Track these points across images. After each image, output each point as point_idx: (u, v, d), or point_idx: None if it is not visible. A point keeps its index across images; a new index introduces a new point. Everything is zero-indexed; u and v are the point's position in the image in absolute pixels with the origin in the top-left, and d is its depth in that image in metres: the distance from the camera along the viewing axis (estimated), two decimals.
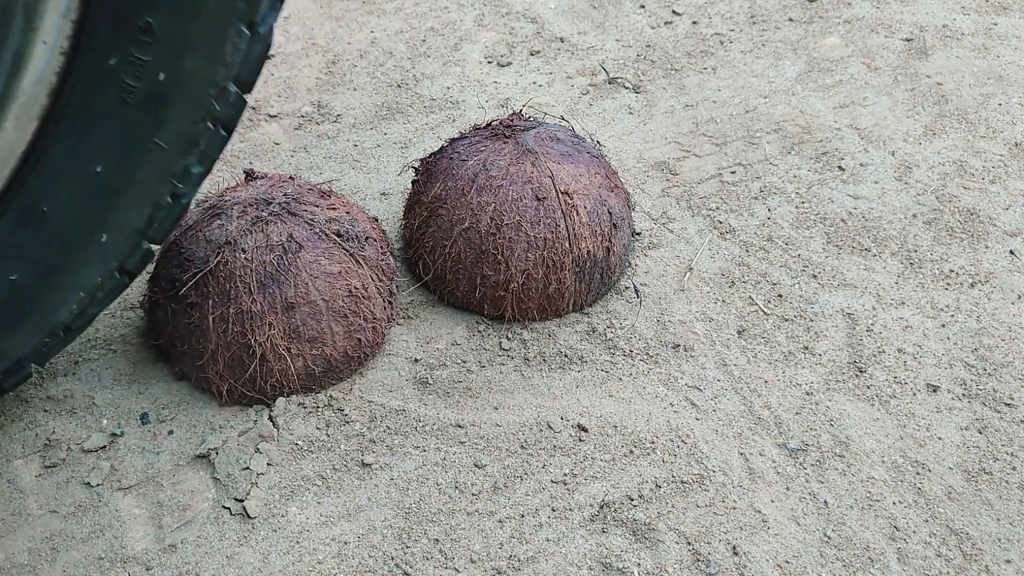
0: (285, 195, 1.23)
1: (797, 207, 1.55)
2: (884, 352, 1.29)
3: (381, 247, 1.29)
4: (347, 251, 1.21)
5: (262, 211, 1.19)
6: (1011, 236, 1.48)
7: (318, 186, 1.31)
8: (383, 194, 1.59)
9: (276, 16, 0.91)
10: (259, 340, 1.14)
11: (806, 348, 1.30)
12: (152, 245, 1.03)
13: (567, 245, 1.26)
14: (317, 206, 1.24)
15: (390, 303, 1.29)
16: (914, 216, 1.53)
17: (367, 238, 1.25)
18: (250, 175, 1.28)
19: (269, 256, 1.15)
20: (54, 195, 0.95)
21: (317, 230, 1.20)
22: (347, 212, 1.27)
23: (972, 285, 1.40)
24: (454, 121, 1.77)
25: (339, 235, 1.21)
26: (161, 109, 0.93)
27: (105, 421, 1.19)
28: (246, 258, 1.15)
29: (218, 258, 1.14)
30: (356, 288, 1.20)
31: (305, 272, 1.16)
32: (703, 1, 2.15)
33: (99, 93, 0.90)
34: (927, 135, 1.71)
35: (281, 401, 1.19)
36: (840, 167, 1.64)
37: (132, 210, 0.99)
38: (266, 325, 1.14)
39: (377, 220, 1.36)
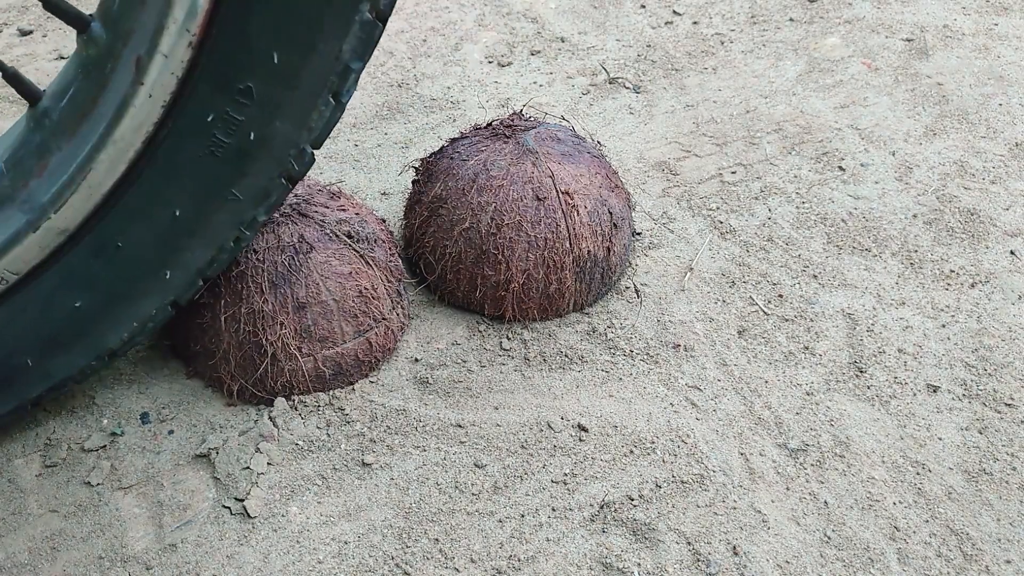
0: (296, 196, 1.23)
1: (797, 207, 1.55)
2: (884, 352, 1.29)
3: (390, 249, 1.29)
4: (357, 252, 1.21)
5: (273, 214, 1.20)
6: (1011, 236, 1.48)
7: (327, 187, 1.31)
8: (384, 194, 1.59)
9: (355, 88, 0.99)
10: (270, 339, 1.14)
11: (806, 348, 1.30)
12: (203, 282, 1.09)
13: (567, 245, 1.26)
14: (327, 207, 1.24)
15: (400, 305, 1.29)
16: (914, 216, 1.53)
17: (376, 240, 1.25)
18: None
19: (280, 257, 1.15)
20: (131, 232, 1.01)
21: (328, 231, 1.20)
22: (356, 213, 1.27)
23: (972, 285, 1.40)
24: (454, 121, 1.77)
25: (349, 236, 1.21)
26: (245, 164, 0.99)
27: (105, 420, 1.19)
28: (257, 259, 1.15)
29: None
30: (366, 289, 1.20)
31: (316, 272, 1.16)
32: (703, 1, 2.15)
33: (191, 145, 0.96)
34: (928, 135, 1.71)
35: (281, 401, 1.19)
36: (841, 167, 1.64)
37: (198, 251, 1.05)
38: (277, 324, 1.14)
39: (385, 221, 1.36)
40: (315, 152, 1.02)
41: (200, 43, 0.89)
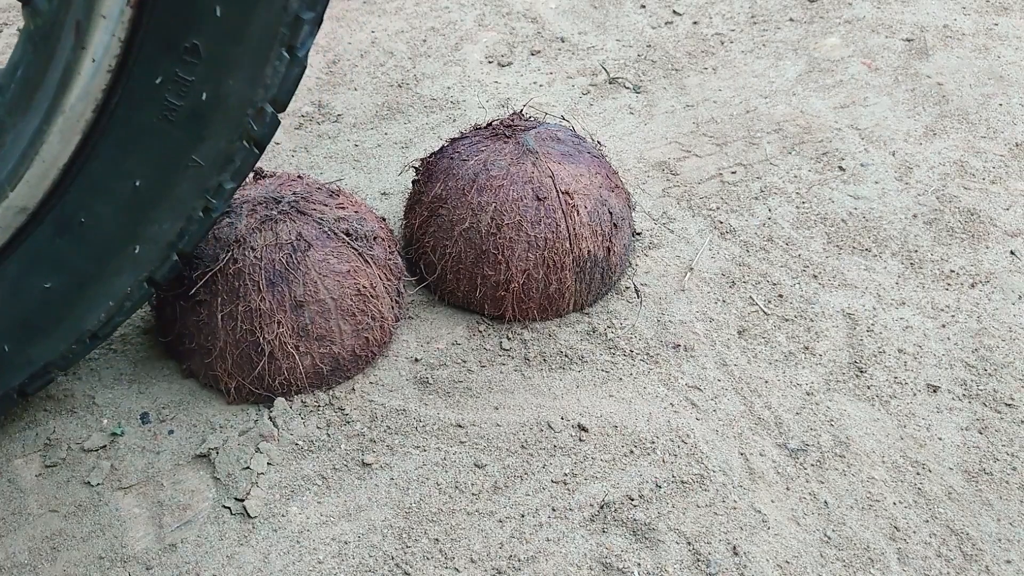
0: (294, 194, 1.23)
1: (797, 207, 1.55)
2: (884, 352, 1.29)
3: (389, 246, 1.29)
4: (356, 250, 1.21)
5: (271, 210, 1.19)
6: (1012, 236, 1.48)
7: (327, 185, 1.31)
8: (383, 194, 1.59)
9: (313, 40, 0.94)
10: (268, 338, 1.14)
11: (806, 348, 1.30)
12: (179, 257, 1.06)
13: (567, 245, 1.26)
14: (326, 205, 1.24)
15: (398, 302, 1.29)
16: (914, 216, 1.53)
17: (375, 237, 1.25)
18: (259, 174, 1.28)
19: (278, 254, 1.15)
20: (93, 207, 0.98)
21: (326, 229, 1.20)
22: (356, 211, 1.27)
23: (972, 285, 1.40)
24: (454, 121, 1.77)
25: (348, 234, 1.21)
26: (201, 127, 0.96)
27: (105, 420, 1.19)
28: (255, 256, 1.15)
29: (228, 256, 1.14)
30: (364, 287, 1.20)
31: (314, 270, 1.16)
32: (704, 1, 2.15)
33: (143, 110, 0.93)
34: (928, 135, 1.71)
35: (281, 401, 1.19)
36: (841, 167, 1.64)
37: (166, 223, 1.02)
38: (275, 323, 1.14)
39: (385, 220, 1.37)
40: (278, 113, 0.98)
41: (140, 2, 0.86)
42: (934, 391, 1.24)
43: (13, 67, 0.95)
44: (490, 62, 1.95)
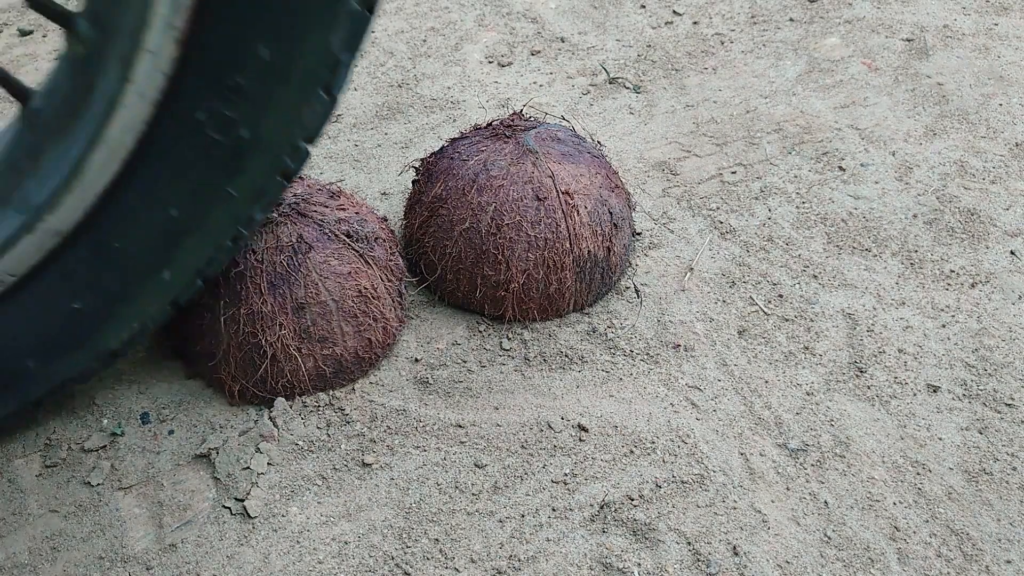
0: (294, 196, 1.23)
1: (798, 207, 1.55)
2: (884, 352, 1.29)
3: (390, 247, 1.29)
4: (357, 252, 1.21)
5: (272, 212, 1.19)
6: (1012, 236, 1.48)
7: (327, 186, 1.31)
8: (383, 194, 1.59)
9: (347, 82, 0.97)
10: (270, 341, 1.14)
11: (806, 348, 1.30)
12: (203, 282, 1.08)
13: (568, 245, 1.26)
14: (327, 207, 1.24)
15: (399, 304, 1.29)
16: (915, 216, 1.53)
17: (376, 238, 1.25)
18: None
19: (279, 257, 1.15)
20: (128, 233, 1.00)
21: (327, 231, 1.20)
22: (356, 212, 1.27)
23: (973, 285, 1.40)
24: (455, 121, 1.77)
25: (348, 236, 1.21)
26: (240, 162, 0.98)
27: (105, 420, 1.19)
28: (256, 259, 1.15)
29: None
30: (366, 288, 1.20)
31: (315, 272, 1.16)
32: (704, 1, 2.15)
33: (184, 142, 0.95)
34: (928, 135, 1.71)
35: (281, 401, 1.19)
36: (841, 167, 1.64)
37: (196, 251, 1.04)
38: (277, 325, 1.14)
39: (386, 220, 1.36)
40: (310, 148, 1.01)
41: (187, 39, 0.88)
42: (934, 391, 1.24)
43: (51, 91, 0.96)
44: (490, 62, 1.95)
